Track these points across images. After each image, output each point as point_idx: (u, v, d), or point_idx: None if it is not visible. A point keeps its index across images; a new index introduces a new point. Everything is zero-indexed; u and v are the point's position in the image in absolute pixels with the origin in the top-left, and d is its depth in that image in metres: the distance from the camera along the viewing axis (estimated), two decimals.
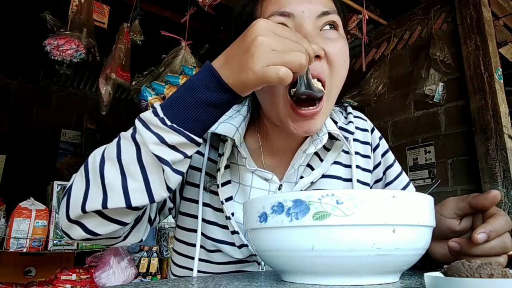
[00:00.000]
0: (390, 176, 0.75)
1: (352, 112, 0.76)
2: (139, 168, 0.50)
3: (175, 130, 0.48)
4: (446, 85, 2.45)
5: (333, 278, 0.40)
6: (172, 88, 2.01)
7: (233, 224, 0.63)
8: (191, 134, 0.49)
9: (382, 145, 0.77)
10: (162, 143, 0.48)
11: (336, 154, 0.69)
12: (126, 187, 0.50)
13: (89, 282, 1.95)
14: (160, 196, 0.52)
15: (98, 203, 0.50)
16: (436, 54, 2.40)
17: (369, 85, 2.80)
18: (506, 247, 0.45)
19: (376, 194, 0.38)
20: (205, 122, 0.50)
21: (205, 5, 1.85)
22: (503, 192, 2.13)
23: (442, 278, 0.32)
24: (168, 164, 0.49)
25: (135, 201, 0.50)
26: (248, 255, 0.64)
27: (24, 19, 3.01)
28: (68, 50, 1.77)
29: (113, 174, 0.50)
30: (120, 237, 0.60)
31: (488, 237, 0.44)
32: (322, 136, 0.66)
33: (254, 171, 0.68)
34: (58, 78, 4.44)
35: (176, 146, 0.49)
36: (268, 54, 0.45)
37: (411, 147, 2.68)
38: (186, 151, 0.50)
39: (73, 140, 4.46)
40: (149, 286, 0.42)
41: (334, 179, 0.69)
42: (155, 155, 0.48)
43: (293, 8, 0.57)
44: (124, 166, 0.50)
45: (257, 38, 0.45)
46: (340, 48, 0.59)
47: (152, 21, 2.39)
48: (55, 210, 1.96)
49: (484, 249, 0.45)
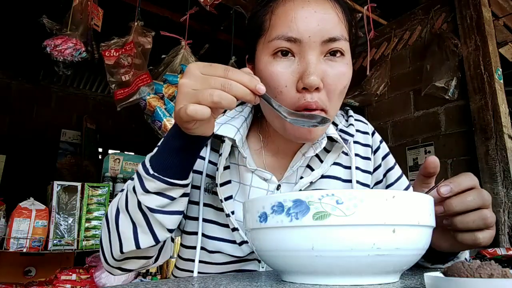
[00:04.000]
0: (391, 178, 0.75)
1: (353, 116, 0.77)
2: (141, 215, 0.56)
3: (155, 178, 0.53)
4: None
5: (333, 278, 0.40)
6: (170, 87, 2.01)
7: (233, 221, 0.64)
8: (170, 179, 0.54)
9: (383, 148, 0.77)
10: (146, 192, 0.54)
11: (336, 156, 0.70)
12: (136, 233, 0.57)
13: (89, 282, 1.95)
14: (163, 237, 0.58)
15: (118, 249, 0.59)
16: (456, 46, 2.38)
17: (370, 85, 2.80)
18: (486, 219, 0.47)
19: (376, 194, 0.38)
20: (182, 166, 0.55)
21: (207, 4, 1.85)
22: (503, 192, 2.13)
23: (442, 278, 0.32)
24: (154, 210, 0.55)
25: (143, 244, 0.57)
26: (248, 253, 0.65)
27: (24, 19, 3.01)
28: (66, 49, 1.76)
29: (124, 223, 0.58)
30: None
31: (451, 190, 0.48)
32: (321, 140, 0.67)
33: (254, 171, 0.69)
34: (58, 78, 4.44)
35: (159, 191, 0.54)
36: (186, 95, 0.47)
37: (411, 147, 2.68)
38: (171, 194, 0.55)
39: (73, 140, 4.46)
40: (149, 286, 0.42)
41: (334, 180, 0.70)
42: (143, 203, 0.55)
43: (300, 32, 0.56)
44: (131, 215, 0.57)
45: (180, 81, 0.49)
46: (342, 76, 0.59)
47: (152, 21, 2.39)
48: (55, 210, 1.96)
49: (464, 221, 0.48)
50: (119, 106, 1.94)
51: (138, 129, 4.85)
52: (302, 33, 0.56)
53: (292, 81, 0.57)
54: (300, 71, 0.56)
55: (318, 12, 0.57)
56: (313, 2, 0.58)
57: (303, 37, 0.56)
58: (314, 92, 0.56)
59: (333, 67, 0.58)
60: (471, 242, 0.48)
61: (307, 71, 0.55)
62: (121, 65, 1.94)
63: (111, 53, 1.95)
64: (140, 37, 2.02)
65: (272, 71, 0.58)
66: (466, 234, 0.49)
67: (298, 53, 0.57)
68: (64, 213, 1.98)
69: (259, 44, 0.62)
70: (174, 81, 2.04)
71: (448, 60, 2.39)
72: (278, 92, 0.58)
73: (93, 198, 2.08)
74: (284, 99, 0.57)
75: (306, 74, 0.55)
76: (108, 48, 1.95)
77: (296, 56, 0.57)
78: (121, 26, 2.12)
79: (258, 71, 0.61)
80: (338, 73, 0.58)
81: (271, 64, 0.58)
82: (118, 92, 1.94)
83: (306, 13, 0.57)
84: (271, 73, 0.58)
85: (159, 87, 1.99)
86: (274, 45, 0.58)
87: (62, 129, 4.42)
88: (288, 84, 0.57)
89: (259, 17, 0.63)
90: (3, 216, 1.88)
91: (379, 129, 2.90)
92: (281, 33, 0.57)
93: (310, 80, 0.54)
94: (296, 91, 0.57)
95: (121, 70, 1.95)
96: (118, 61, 1.94)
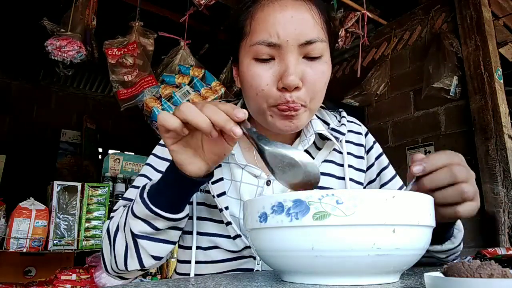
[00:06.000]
0: (385, 178, 0.77)
1: (346, 117, 0.80)
2: (131, 237, 0.59)
3: (143, 202, 0.56)
4: None
5: (333, 278, 0.40)
6: (168, 88, 2.01)
7: (226, 216, 0.65)
8: (154, 206, 0.55)
9: (376, 148, 0.80)
10: (133, 216, 0.57)
11: (327, 153, 0.73)
12: (126, 255, 0.60)
13: (89, 282, 1.95)
14: (149, 264, 0.61)
15: (114, 264, 0.62)
16: (452, 45, 2.38)
17: (370, 85, 2.80)
18: (463, 193, 0.49)
19: (376, 194, 0.38)
20: (170, 200, 0.56)
21: (201, 4, 1.83)
22: (503, 192, 2.13)
23: (442, 278, 0.32)
24: (137, 236, 0.57)
25: (130, 267, 0.60)
26: (243, 247, 0.66)
27: (24, 19, 3.01)
28: (70, 51, 1.78)
29: (120, 241, 0.60)
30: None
31: (423, 169, 0.50)
32: (310, 136, 0.71)
33: (244, 167, 0.71)
34: (58, 78, 4.44)
35: (143, 218, 0.57)
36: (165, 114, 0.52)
37: (411, 147, 2.68)
38: (156, 224, 0.57)
39: (73, 140, 4.46)
40: (149, 286, 0.42)
41: (328, 177, 0.72)
42: (130, 226, 0.58)
43: (279, 37, 0.59)
44: (125, 234, 0.59)
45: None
46: (322, 74, 0.63)
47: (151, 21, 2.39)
48: (55, 210, 1.96)
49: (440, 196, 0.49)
50: (123, 107, 1.94)
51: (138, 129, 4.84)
52: (281, 38, 0.59)
53: (273, 80, 0.61)
54: (281, 72, 0.60)
55: (295, 17, 0.60)
56: (290, 7, 0.61)
57: (282, 42, 0.59)
58: (293, 91, 0.60)
59: (312, 67, 0.62)
60: (452, 215, 0.51)
61: (286, 72, 0.59)
62: (123, 64, 1.94)
63: (113, 52, 1.95)
64: (142, 38, 2.02)
65: (254, 71, 0.62)
66: (446, 208, 0.51)
67: (278, 56, 0.61)
68: (64, 213, 1.98)
69: (241, 47, 0.66)
70: (171, 81, 2.04)
71: (448, 60, 2.38)
72: (260, 90, 0.61)
73: (93, 198, 2.08)
74: (265, 97, 0.61)
75: (285, 75, 0.59)
76: (111, 46, 1.96)
77: (276, 59, 0.61)
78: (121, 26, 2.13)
79: (242, 72, 0.65)
80: (317, 72, 0.62)
81: (253, 66, 0.62)
82: (121, 92, 1.94)
83: (283, 18, 0.60)
84: (253, 74, 0.62)
85: (157, 88, 1.99)
86: (255, 49, 0.61)
87: (62, 129, 4.41)
88: (269, 83, 0.61)
89: (240, 21, 0.66)
90: (3, 216, 1.88)
91: (379, 129, 2.90)
92: (261, 38, 0.60)
93: (289, 81, 0.58)
94: (277, 90, 0.61)
95: (124, 69, 1.95)
96: (120, 60, 1.94)
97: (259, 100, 0.62)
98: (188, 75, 2.05)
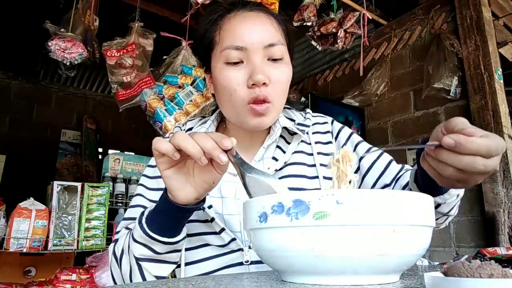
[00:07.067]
0: (361, 151, 0.81)
1: (310, 113, 0.88)
2: (134, 260, 0.62)
3: (140, 228, 0.59)
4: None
5: (333, 278, 0.40)
6: (170, 88, 2.01)
7: (209, 212, 0.69)
8: (151, 231, 0.58)
9: (346, 131, 0.85)
10: (133, 240, 0.61)
11: (296, 145, 0.79)
12: (131, 277, 0.64)
13: (89, 282, 1.95)
14: None
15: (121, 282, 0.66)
16: (453, 45, 2.38)
17: (370, 85, 2.80)
18: (476, 182, 0.47)
19: (376, 194, 0.38)
20: (163, 225, 0.59)
21: (198, 4, 1.82)
22: (503, 192, 2.13)
23: (442, 278, 0.32)
24: (138, 259, 0.61)
25: None
26: (229, 240, 0.69)
27: (24, 19, 3.01)
28: (73, 53, 1.78)
29: (125, 264, 0.64)
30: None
31: (454, 146, 0.44)
32: (276, 131, 0.78)
33: None
34: (58, 78, 4.45)
35: (142, 242, 0.60)
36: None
37: (411, 147, 2.67)
38: (154, 247, 0.60)
39: (73, 140, 4.46)
40: (149, 286, 0.42)
41: (299, 165, 0.78)
42: (131, 250, 0.61)
43: (245, 41, 0.68)
44: (130, 257, 0.63)
45: None
46: (284, 73, 0.72)
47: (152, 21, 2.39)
48: (55, 210, 1.96)
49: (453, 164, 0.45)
50: (121, 107, 1.94)
51: (138, 129, 4.85)
52: (247, 42, 0.68)
53: (243, 80, 0.68)
54: (249, 72, 0.68)
55: (257, 25, 0.71)
56: (253, 16, 0.72)
57: (247, 45, 0.68)
58: (262, 86, 0.68)
59: (275, 67, 0.70)
60: (450, 186, 0.53)
61: (254, 71, 0.67)
62: (122, 65, 1.94)
63: (112, 53, 1.95)
64: (142, 38, 2.02)
65: (226, 74, 0.70)
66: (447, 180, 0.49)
67: (246, 59, 0.69)
68: (64, 213, 1.98)
69: (212, 56, 0.74)
70: (174, 82, 2.04)
71: (449, 61, 2.39)
72: (233, 90, 0.69)
73: (93, 198, 2.08)
74: (238, 95, 0.69)
75: (254, 73, 0.67)
76: (110, 48, 1.95)
77: (245, 61, 0.69)
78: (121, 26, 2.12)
79: (215, 77, 0.73)
80: (280, 72, 0.71)
81: (225, 70, 0.70)
82: (120, 93, 1.94)
83: (248, 26, 0.70)
84: (225, 77, 0.70)
85: (160, 88, 1.99)
86: (225, 54, 0.69)
87: (62, 129, 4.42)
88: (240, 83, 0.68)
89: (209, 35, 0.75)
90: (3, 216, 1.88)
91: (379, 129, 2.90)
92: (230, 43, 0.69)
93: (258, 77, 0.66)
94: (247, 87, 0.68)
95: (123, 70, 1.95)
96: (119, 61, 1.94)
97: (233, 99, 0.69)
98: (191, 75, 2.05)
